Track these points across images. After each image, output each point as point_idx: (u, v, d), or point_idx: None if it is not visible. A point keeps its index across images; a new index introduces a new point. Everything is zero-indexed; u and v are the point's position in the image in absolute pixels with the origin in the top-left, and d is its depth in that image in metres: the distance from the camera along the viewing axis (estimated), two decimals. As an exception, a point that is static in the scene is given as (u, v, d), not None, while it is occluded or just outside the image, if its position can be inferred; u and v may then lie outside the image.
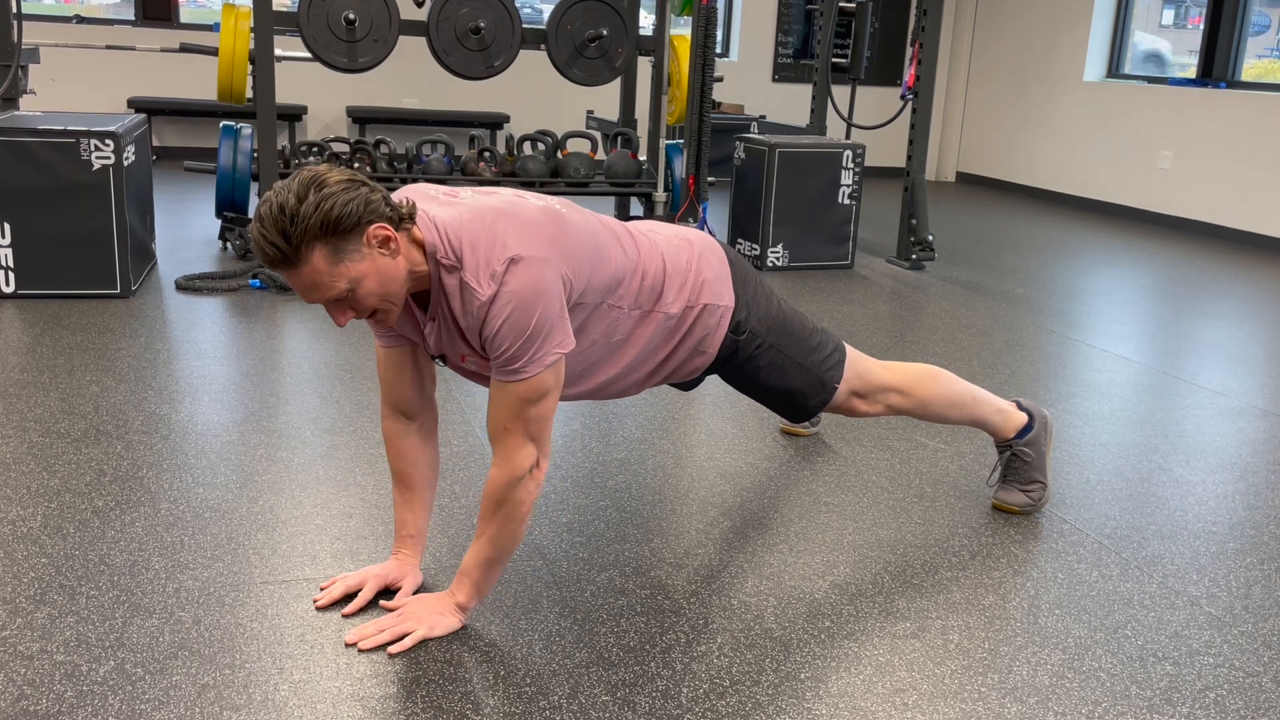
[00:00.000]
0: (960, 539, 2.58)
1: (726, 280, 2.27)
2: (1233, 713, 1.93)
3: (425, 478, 2.20)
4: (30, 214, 4.17)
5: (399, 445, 2.17)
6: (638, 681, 1.94)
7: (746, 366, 2.35)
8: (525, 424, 1.92)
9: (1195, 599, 2.34)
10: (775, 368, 2.36)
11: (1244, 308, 5.30)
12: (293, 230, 1.73)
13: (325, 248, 1.76)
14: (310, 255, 1.76)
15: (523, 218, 1.90)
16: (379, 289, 1.83)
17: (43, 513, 2.47)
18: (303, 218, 1.73)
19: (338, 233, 1.76)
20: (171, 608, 2.10)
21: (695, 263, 2.23)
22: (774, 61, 9.54)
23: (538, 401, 1.92)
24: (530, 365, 1.88)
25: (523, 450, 1.94)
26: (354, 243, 1.78)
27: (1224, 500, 2.89)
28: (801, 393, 2.42)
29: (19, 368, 3.46)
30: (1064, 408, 3.56)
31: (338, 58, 5.27)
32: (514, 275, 1.84)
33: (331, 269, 1.78)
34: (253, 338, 3.96)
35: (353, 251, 1.79)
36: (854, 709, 1.89)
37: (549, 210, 1.95)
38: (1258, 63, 7.64)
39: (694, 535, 2.54)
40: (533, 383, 1.90)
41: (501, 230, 1.86)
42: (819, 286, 5.27)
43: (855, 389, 2.48)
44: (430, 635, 2.01)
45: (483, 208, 1.91)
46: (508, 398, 1.91)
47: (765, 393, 2.43)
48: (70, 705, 1.79)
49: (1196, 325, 4.90)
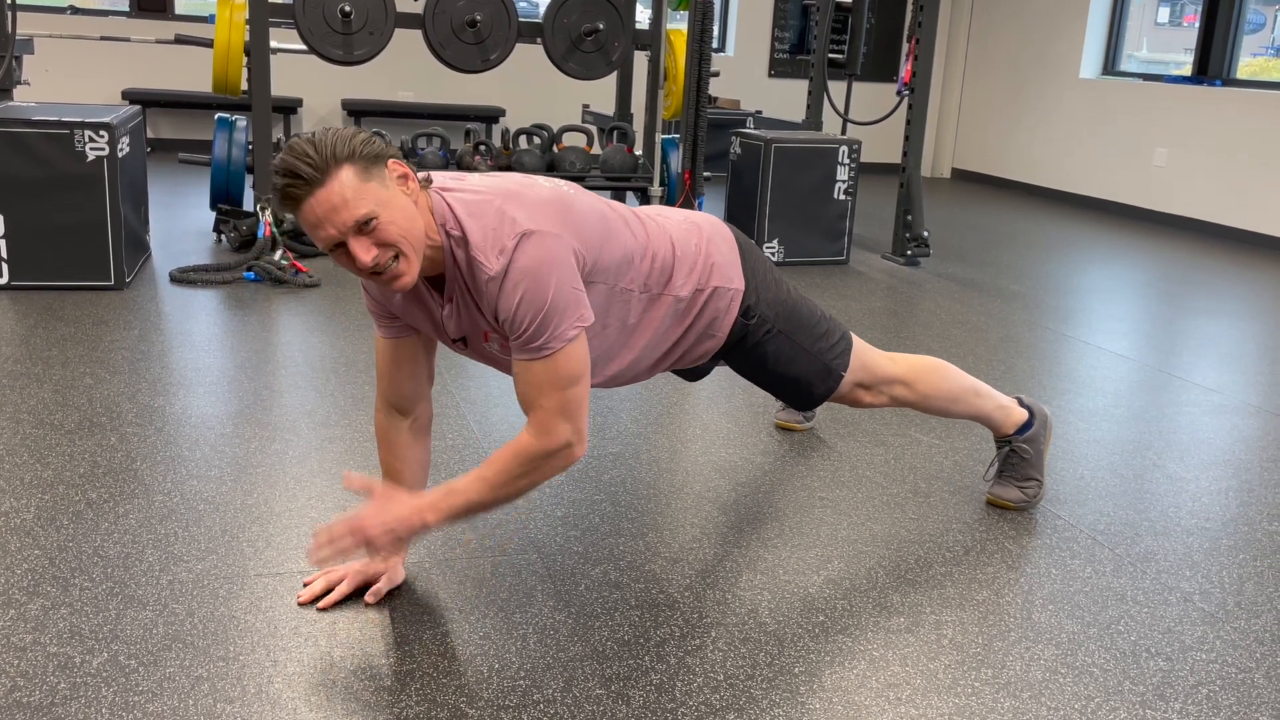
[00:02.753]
0: (954, 534, 2.59)
1: (736, 264, 2.27)
2: (1225, 708, 1.94)
3: (415, 476, 2.19)
4: (24, 205, 4.16)
5: (391, 440, 2.16)
6: (632, 675, 1.94)
7: (755, 352, 2.34)
8: (561, 400, 1.90)
9: (1188, 595, 2.34)
10: (783, 354, 2.35)
11: (1239, 305, 5.31)
12: (325, 148, 1.77)
13: (353, 166, 1.79)
14: (339, 171, 1.77)
15: (531, 196, 1.91)
16: (402, 221, 1.82)
17: (36, 504, 2.46)
18: (333, 140, 1.79)
19: (367, 157, 1.80)
20: (165, 600, 2.09)
21: (705, 246, 2.23)
22: (770, 57, 9.54)
23: (567, 386, 1.90)
24: (552, 341, 1.87)
25: (560, 427, 1.91)
26: (379, 170, 1.82)
27: (1217, 497, 2.89)
28: (808, 379, 2.41)
29: (12, 359, 3.45)
30: (1058, 404, 3.57)
31: (333, 50, 5.25)
32: (524, 250, 1.84)
33: (360, 186, 1.78)
34: (247, 330, 3.95)
35: (378, 176, 1.82)
36: (848, 703, 1.89)
37: (557, 189, 1.96)
38: (1253, 61, 7.65)
39: (689, 530, 2.55)
40: (559, 358, 1.88)
41: (510, 207, 1.87)
42: (814, 282, 5.27)
43: (860, 380, 2.47)
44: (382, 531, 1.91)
45: (490, 186, 1.93)
46: (534, 377, 1.90)
47: (772, 379, 2.43)
48: (64, 697, 1.78)
49: (1191, 322, 4.91)
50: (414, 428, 2.17)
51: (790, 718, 1.85)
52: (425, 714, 1.80)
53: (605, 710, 1.84)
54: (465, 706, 1.82)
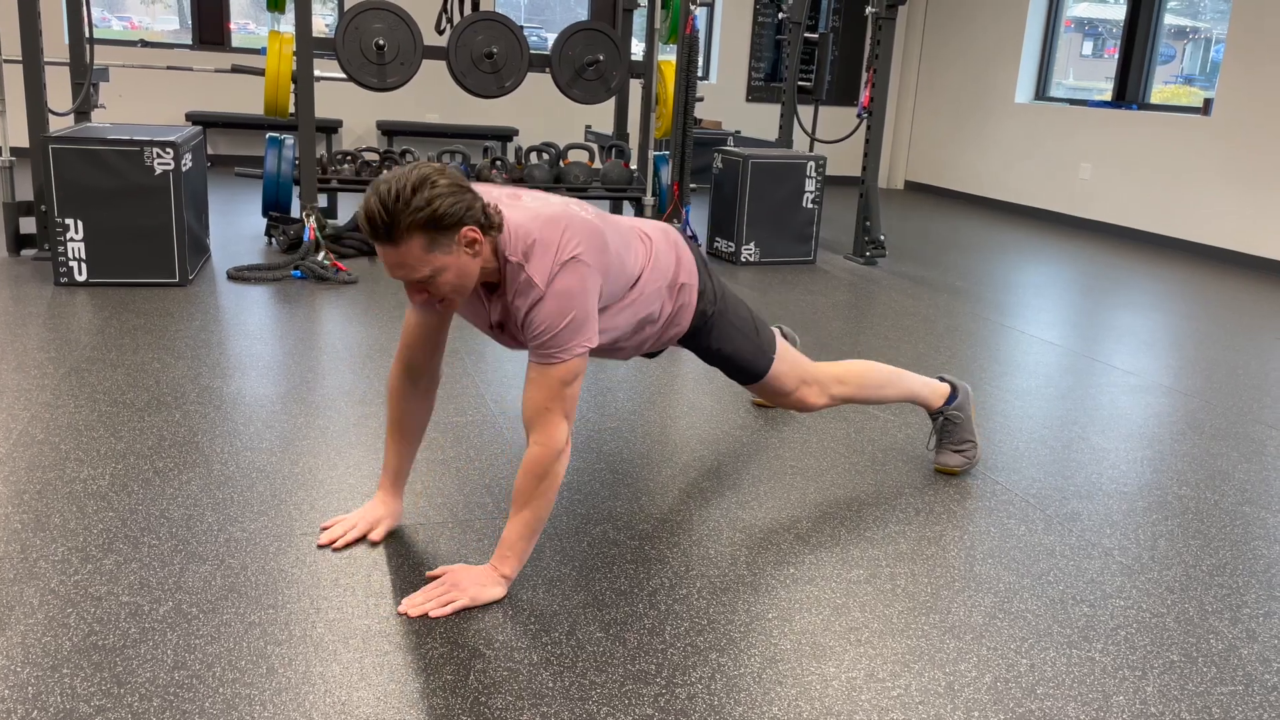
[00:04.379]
0: (906, 498, 2.58)
1: (693, 264, 2.31)
2: (1140, 648, 1.93)
3: (419, 427, 2.20)
4: (100, 212, 4.13)
5: (404, 394, 2.15)
6: (627, 620, 1.93)
7: (708, 336, 2.38)
8: (562, 403, 1.91)
9: (1109, 550, 2.34)
10: (726, 336, 2.40)
11: (1151, 299, 5.30)
12: (404, 216, 1.73)
13: (424, 237, 1.75)
14: (410, 240, 1.75)
15: (583, 230, 1.90)
16: (456, 280, 1.83)
17: (110, 473, 2.45)
18: (414, 208, 1.73)
19: (438, 228, 1.75)
20: (223, 555, 2.08)
21: (675, 250, 2.27)
22: (748, 84, 9.49)
23: (571, 382, 1.92)
24: (563, 352, 1.89)
25: (560, 427, 1.92)
26: (447, 239, 1.78)
27: (1134, 465, 2.88)
28: (748, 357, 2.44)
29: (90, 346, 3.42)
30: (996, 384, 3.55)
31: (369, 78, 5.21)
32: (567, 273, 1.86)
33: (423, 256, 1.77)
34: (294, 321, 3.92)
35: (445, 245, 1.78)
36: (814, 644, 1.89)
37: (597, 228, 1.94)
38: (1165, 88, 7.62)
39: (677, 494, 2.53)
40: (562, 367, 1.90)
41: (567, 238, 1.87)
42: (786, 279, 5.25)
43: (801, 377, 2.51)
44: (474, 604, 1.94)
45: (549, 214, 1.91)
46: (547, 379, 1.90)
47: (720, 358, 2.45)
48: (134, 640, 1.77)
49: (1111, 314, 4.90)
50: (424, 387, 2.16)
51: (765, 657, 1.84)
52: (448, 654, 1.79)
53: (604, 650, 1.83)
54: (483, 648, 1.81)
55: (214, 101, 8.07)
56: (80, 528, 2.17)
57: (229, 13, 8.18)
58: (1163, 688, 1.81)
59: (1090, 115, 7.72)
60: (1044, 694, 1.78)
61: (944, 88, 9.37)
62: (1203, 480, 2.80)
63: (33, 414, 2.79)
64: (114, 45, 7.73)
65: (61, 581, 1.95)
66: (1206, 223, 6.77)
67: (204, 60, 7.77)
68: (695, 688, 1.74)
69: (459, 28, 5.31)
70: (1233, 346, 4.34)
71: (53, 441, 2.61)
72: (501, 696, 1.68)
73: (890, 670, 1.82)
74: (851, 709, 1.70)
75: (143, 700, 1.62)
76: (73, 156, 4.06)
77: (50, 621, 1.81)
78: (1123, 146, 7.39)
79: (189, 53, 8.03)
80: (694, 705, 1.69)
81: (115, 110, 7.50)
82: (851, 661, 1.84)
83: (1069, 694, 1.78)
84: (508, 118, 8.60)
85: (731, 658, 1.83)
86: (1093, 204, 7.67)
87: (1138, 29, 7.49)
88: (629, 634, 1.89)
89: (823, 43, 6.25)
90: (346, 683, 1.69)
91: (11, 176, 4.58)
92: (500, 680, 1.73)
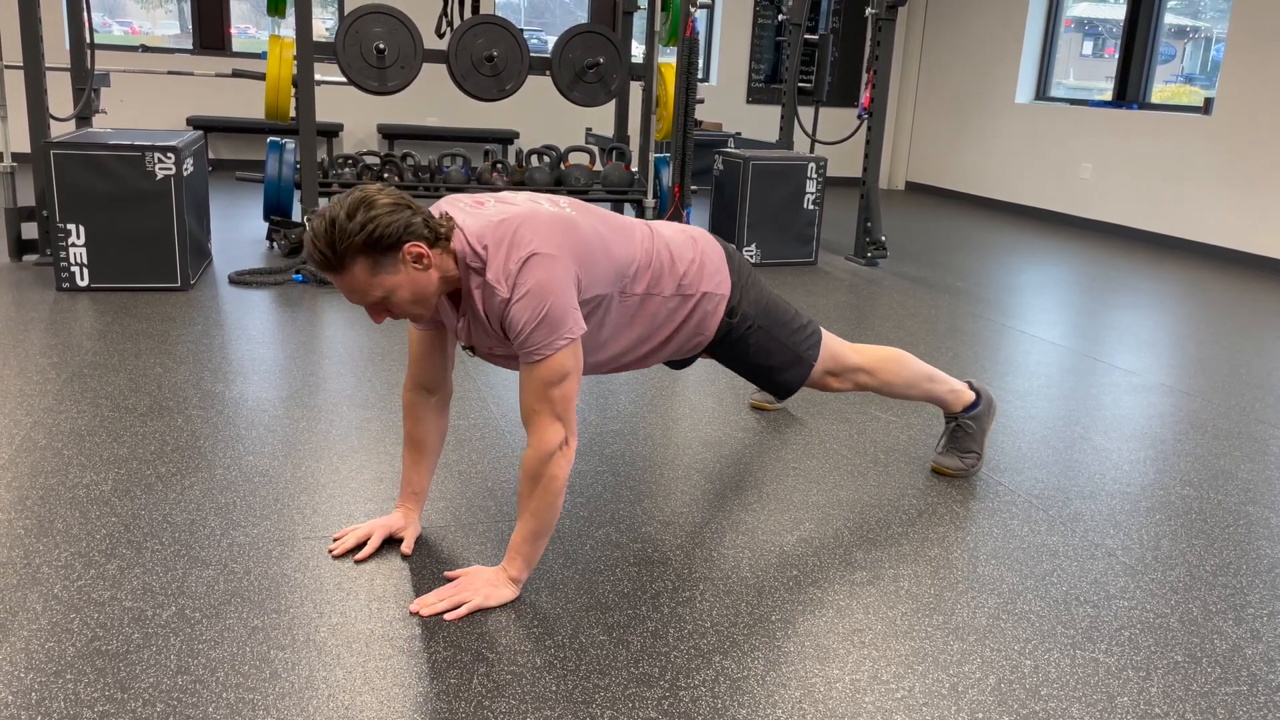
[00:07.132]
0: (909, 499, 2.57)
1: (724, 271, 2.26)
2: (1144, 649, 1.93)
3: (435, 443, 2.19)
4: (102, 217, 4.13)
5: (418, 413, 2.15)
6: (630, 623, 1.93)
7: (738, 345, 2.33)
8: (550, 404, 1.89)
9: (1112, 551, 2.33)
10: (762, 346, 2.34)
11: (1153, 299, 5.29)
12: (339, 243, 1.74)
13: (366, 260, 1.76)
14: (352, 266, 1.76)
15: (538, 224, 1.87)
16: (411, 297, 1.83)
17: (113, 478, 2.45)
18: (349, 234, 1.73)
19: (377, 250, 1.76)
20: (225, 560, 2.08)
21: (699, 257, 2.22)
22: (748, 85, 9.49)
23: (559, 382, 1.88)
24: (545, 348, 1.85)
25: (551, 428, 1.90)
26: (391, 258, 1.78)
27: (1137, 465, 2.88)
28: (783, 368, 2.40)
29: (92, 351, 3.42)
30: (998, 385, 3.55)
31: (370, 82, 5.22)
32: (528, 270, 1.82)
33: (369, 279, 1.78)
34: (296, 325, 3.93)
35: (389, 265, 1.78)
36: (818, 646, 1.88)
37: (561, 216, 1.92)
38: (1165, 87, 7.62)
39: (680, 496, 2.53)
40: (552, 363, 1.86)
41: (519, 235, 1.85)
42: (787, 281, 5.25)
43: (829, 368, 2.47)
44: (486, 605, 1.94)
45: (502, 216, 1.89)
46: (533, 380, 1.88)
47: (753, 369, 2.41)
48: (137, 645, 1.77)
49: (1112, 314, 4.90)
50: (437, 403, 2.16)
51: (769, 659, 1.83)
52: (452, 658, 1.79)
53: (607, 653, 1.83)
54: (486, 651, 1.81)
55: (215, 106, 8.07)
56: (83, 533, 2.16)
57: (229, 17, 8.18)
58: (1167, 688, 1.81)
59: (1091, 115, 7.71)
60: (1048, 695, 1.77)
61: (944, 88, 9.37)
62: (1206, 480, 2.79)
63: (35, 419, 2.79)
64: (115, 50, 7.74)
65: (64, 587, 1.95)
66: (1207, 222, 6.76)
67: (205, 65, 7.78)
68: (699, 691, 1.74)
69: (459, 31, 5.31)
70: (1234, 346, 4.33)
71: (55, 447, 2.61)
72: (505, 700, 1.68)
73: (894, 672, 1.82)
74: (855, 711, 1.70)
75: (146, 706, 1.62)
76: (74, 162, 4.06)
77: (53, 627, 1.81)
78: (1123, 146, 7.39)
79: (190, 57, 8.04)
80: (698, 708, 1.69)
81: (116, 115, 7.51)
82: (855, 664, 1.83)
83: (1073, 695, 1.78)
84: (508, 121, 8.61)
85: (735, 660, 1.83)
86: (1093, 204, 7.67)
87: (1138, 28, 7.49)
88: (632, 637, 1.89)
89: (823, 44, 6.25)
90: (350, 687, 1.69)
91: (13, 182, 4.59)
92: (504, 684, 1.72)
